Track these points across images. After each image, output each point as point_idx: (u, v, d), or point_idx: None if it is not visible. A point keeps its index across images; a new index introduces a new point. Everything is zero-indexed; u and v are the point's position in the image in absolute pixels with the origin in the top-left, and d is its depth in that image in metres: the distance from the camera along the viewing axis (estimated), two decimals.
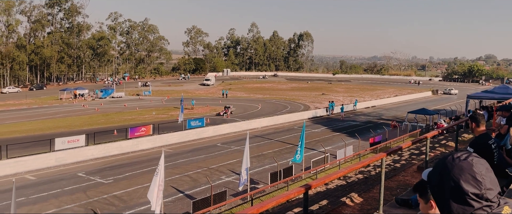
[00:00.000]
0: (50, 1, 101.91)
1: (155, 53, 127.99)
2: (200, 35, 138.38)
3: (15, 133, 36.60)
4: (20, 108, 59.83)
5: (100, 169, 23.75)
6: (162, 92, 79.46)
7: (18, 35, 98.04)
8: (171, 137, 32.02)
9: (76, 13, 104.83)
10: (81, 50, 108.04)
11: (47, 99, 69.87)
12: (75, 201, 17.77)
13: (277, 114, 48.44)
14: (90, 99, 69.15)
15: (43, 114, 52.19)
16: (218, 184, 19.96)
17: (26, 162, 23.21)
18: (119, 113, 51.65)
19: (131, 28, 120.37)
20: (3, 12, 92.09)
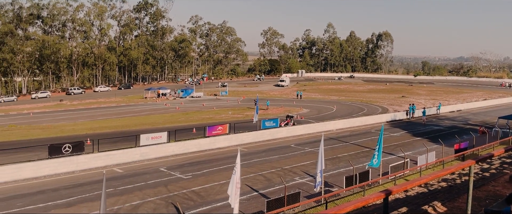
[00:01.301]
0: (138, 6, 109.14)
1: (232, 55, 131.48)
2: (276, 37, 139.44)
3: (105, 129, 39.73)
4: (109, 105, 64.82)
5: (180, 165, 24.91)
6: (238, 93, 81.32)
7: (109, 38, 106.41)
8: (246, 136, 32.65)
9: (160, 17, 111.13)
10: (164, 52, 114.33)
11: (133, 98, 74.88)
12: (157, 194, 18.82)
13: (353, 116, 47.23)
14: (172, 99, 72.84)
15: (129, 111, 56.06)
16: (292, 185, 19.95)
17: (115, 156, 25.07)
18: (197, 112, 53.80)
19: (210, 31, 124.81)
20: (96, 17, 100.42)
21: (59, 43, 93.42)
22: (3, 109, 64.66)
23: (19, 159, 23.57)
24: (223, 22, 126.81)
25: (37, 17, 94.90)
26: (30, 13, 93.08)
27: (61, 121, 47.14)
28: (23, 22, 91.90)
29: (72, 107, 63.88)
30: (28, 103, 71.92)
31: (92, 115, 52.92)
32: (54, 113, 57.30)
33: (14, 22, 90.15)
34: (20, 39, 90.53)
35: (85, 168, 23.35)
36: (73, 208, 16.79)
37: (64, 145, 24.01)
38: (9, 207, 16.93)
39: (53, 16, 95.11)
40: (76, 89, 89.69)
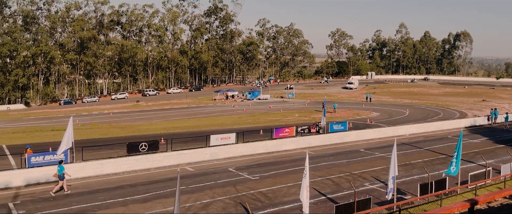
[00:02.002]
0: (208, 11, 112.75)
1: (299, 57, 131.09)
2: (344, 38, 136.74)
3: (178, 129, 41.49)
4: (181, 106, 67.60)
5: (248, 165, 25.28)
6: (304, 95, 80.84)
7: (182, 42, 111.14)
8: (314, 139, 32.33)
9: (229, 21, 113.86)
10: (233, 55, 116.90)
11: (203, 100, 77.45)
12: (226, 193, 19.24)
13: (428, 121, 44.89)
14: (239, 101, 74.28)
15: (199, 112, 58.05)
16: (362, 191, 19.39)
17: (186, 155, 26.06)
18: (264, 114, 54.29)
19: (277, 33, 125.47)
20: (170, 22, 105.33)
21: (136, 48, 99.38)
22: (86, 108, 70.10)
23: (101, 155, 25.36)
24: (290, 25, 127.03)
25: (117, 23, 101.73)
26: (111, 20, 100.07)
27: (138, 121, 50.01)
28: (105, 28, 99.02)
29: (148, 108, 67.54)
30: (108, 104, 77.31)
31: (165, 115, 55.54)
32: (131, 113, 60.97)
33: (96, 28, 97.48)
34: (102, 44, 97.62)
35: (159, 166, 24.54)
36: (149, 204, 17.70)
37: (141, 144, 25.41)
38: (93, 200, 18.27)
39: (131, 22, 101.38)
40: (151, 91, 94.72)
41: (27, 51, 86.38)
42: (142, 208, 17.12)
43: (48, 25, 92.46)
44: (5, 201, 18.16)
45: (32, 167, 21.43)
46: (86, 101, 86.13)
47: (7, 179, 20.43)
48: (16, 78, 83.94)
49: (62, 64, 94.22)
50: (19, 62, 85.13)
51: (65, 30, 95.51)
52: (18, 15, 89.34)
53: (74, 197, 18.78)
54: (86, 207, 17.27)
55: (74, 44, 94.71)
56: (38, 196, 19.05)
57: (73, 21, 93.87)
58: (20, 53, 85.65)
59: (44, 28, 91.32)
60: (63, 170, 19.64)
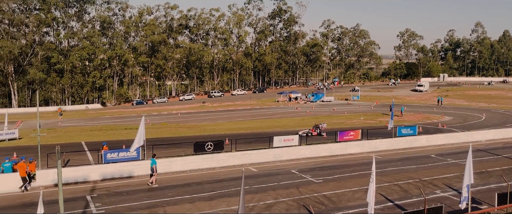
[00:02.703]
0: (272, 13, 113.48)
1: (365, 58, 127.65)
2: (414, 38, 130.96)
3: (241, 129, 42.18)
4: (245, 108, 68.64)
5: (311, 168, 25.05)
6: (370, 98, 78.51)
7: (246, 45, 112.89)
8: (380, 143, 31.29)
9: (293, 23, 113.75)
10: (296, 57, 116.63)
11: (266, 101, 78.02)
12: (289, 195, 19.22)
13: (507, 126, 41.60)
14: (303, 103, 73.85)
15: (263, 114, 58.54)
16: (432, 198, 18.43)
17: (250, 156, 26.43)
18: (328, 116, 53.49)
19: (342, 34, 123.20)
20: (235, 25, 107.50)
21: (202, 50, 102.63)
22: (156, 109, 73.58)
23: (169, 154, 26.48)
24: (356, 25, 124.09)
25: (185, 27, 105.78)
26: (179, 24, 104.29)
27: (204, 121, 51.57)
28: (174, 32, 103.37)
29: (213, 109, 69.40)
30: (177, 105, 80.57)
31: (230, 116, 56.73)
32: (197, 113, 63.02)
33: (166, 32, 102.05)
34: (171, 47, 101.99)
35: (224, 165, 25.12)
36: (214, 202, 18.18)
37: (207, 143, 26.17)
38: (162, 196, 19.13)
39: (199, 25, 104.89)
40: (217, 92, 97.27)
41: (104, 54, 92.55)
42: (207, 206, 17.62)
43: (122, 30, 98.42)
44: (83, 194, 19.59)
45: (108, 162, 22.88)
46: (156, 102, 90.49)
47: (86, 173, 22.02)
48: (94, 80, 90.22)
49: (135, 66, 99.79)
50: (97, 65, 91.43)
51: (137, 34, 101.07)
52: (96, 20, 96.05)
53: (145, 193, 19.79)
54: (156, 203, 18.12)
55: (146, 48, 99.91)
56: (112, 190, 20.31)
57: (145, 26, 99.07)
58: (98, 56, 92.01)
59: (119, 32, 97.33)
60: (154, 164, 20.95)
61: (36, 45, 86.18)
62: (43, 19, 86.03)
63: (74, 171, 21.72)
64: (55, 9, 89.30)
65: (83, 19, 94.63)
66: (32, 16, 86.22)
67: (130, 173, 22.79)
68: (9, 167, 20.64)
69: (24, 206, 17.82)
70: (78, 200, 18.52)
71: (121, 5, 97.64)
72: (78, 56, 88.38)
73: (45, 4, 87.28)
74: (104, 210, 17.22)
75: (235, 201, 17.85)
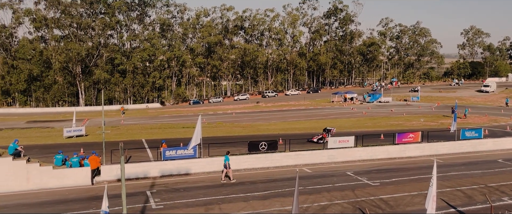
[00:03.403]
0: (328, 12, 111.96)
1: (425, 57, 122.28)
2: (479, 36, 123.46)
3: (295, 130, 42.01)
4: (299, 108, 68.29)
5: (367, 170, 24.41)
6: (431, 99, 75.14)
7: (300, 45, 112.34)
8: (442, 146, 29.82)
9: (349, 22, 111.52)
10: (352, 56, 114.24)
11: (320, 102, 77.10)
12: (344, 197, 18.86)
13: None
14: (358, 103, 72.16)
15: (317, 114, 57.92)
16: (499, 205, 17.28)
17: (304, 156, 26.26)
18: (385, 117, 51.86)
19: (401, 33, 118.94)
20: (290, 25, 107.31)
21: (257, 51, 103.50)
22: (212, 108, 75.21)
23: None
24: (416, 23, 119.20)
25: (241, 28, 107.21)
26: (235, 25, 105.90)
27: (258, 121, 51.97)
28: (229, 33, 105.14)
29: (267, 109, 69.74)
30: (231, 104, 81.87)
31: (283, 116, 56.71)
32: (252, 113, 63.63)
33: (222, 33, 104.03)
34: (227, 48, 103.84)
35: (278, 165, 25.17)
36: (268, 201, 18.26)
37: (261, 143, 26.34)
38: (217, 194, 19.53)
39: (253, 26, 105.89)
40: (270, 92, 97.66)
41: (163, 55, 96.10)
42: (261, 205, 17.74)
43: (181, 32, 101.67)
44: (143, 189, 20.46)
45: (166, 160, 23.73)
46: (212, 102, 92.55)
47: (146, 169, 23.00)
48: (154, 80, 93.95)
49: (192, 67, 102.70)
50: (156, 66, 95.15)
51: (195, 36, 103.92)
52: (156, 23, 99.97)
53: (201, 190, 20.30)
54: (211, 200, 18.53)
55: (203, 49, 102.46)
56: (170, 186, 21.05)
57: (202, 27, 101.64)
58: (158, 57, 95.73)
59: (177, 34, 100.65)
60: (228, 160, 21.75)
61: (101, 47, 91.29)
62: (108, 22, 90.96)
63: (136, 167, 22.75)
64: (118, 12, 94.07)
65: (144, 22, 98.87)
66: (98, 20, 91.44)
67: (187, 170, 23.49)
68: (77, 162, 22.04)
69: (90, 199, 18.95)
70: (139, 195, 19.38)
71: (180, 7, 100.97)
72: (140, 58, 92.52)
73: (110, 8, 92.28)
74: (162, 205, 17.89)
75: (289, 201, 17.82)
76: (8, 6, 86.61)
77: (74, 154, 23.42)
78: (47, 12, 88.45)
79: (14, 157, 21.06)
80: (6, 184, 20.31)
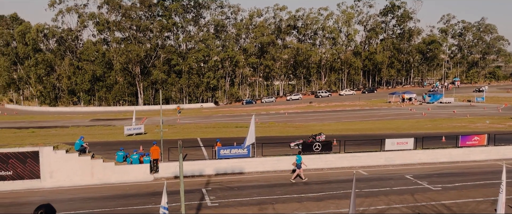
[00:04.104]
0: (384, 10, 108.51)
1: (491, 56, 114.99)
2: None
3: (350, 131, 41.05)
4: (353, 108, 66.74)
5: (428, 174, 23.29)
6: (497, 99, 70.50)
7: (355, 43, 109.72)
8: (511, 150, 27.79)
9: (407, 19, 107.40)
10: (411, 55, 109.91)
11: (376, 102, 74.86)
12: (403, 201, 18.09)
13: None
14: (417, 104, 69.29)
15: (373, 115, 56.26)
16: None
17: (360, 158, 25.54)
18: (447, 119, 49.34)
19: (464, 30, 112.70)
20: (344, 24, 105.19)
21: (310, 50, 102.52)
22: (264, 108, 75.48)
23: (277, 152, 26.87)
24: (481, 20, 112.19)
25: (293, 27, 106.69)
26: (288, 25, 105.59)
27: (311, 121, 51.41)
28: (282, 32, 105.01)
29: (320, 109, 68.84)
30: (284, 104, 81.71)
31: (337, 117, 55.68)
32: (304, 113, 63.10)
33: (275, 33, 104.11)
34: (279, 48, 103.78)
35: (332, 167, 24.68)
36: (322, 203, 17.93)
37: (315, 144, 25.94)
38: (271, 193, 19.48)
39: (307, 25, 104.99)
40: (324, 92, 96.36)
41: (217, 56, 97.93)
42: (316, 207, 17.44)
43: (234, 32, 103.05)
44: (199, 187, 20.87)
45: (221, 158, 24.06)
46: (264, 102, 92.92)
47: (201, 167, 23.45)
48: (208, 80, 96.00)
49: (245, 67, 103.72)
50: (211, 66, 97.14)
51: (248, 36, 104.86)
52: (211, 24, 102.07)
53: (255, 189, 20.36)
54: (265, 200, 18.50)
55: (255, 49, 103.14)
56: (225, 185, 21.30)
57: (255, 28, 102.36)
58: (212, 58, 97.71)
59: (231, 35, 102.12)
60: (301, 160, 21.77)
61: (158, 48, 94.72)
62: (165, 24, 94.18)
63: (192, 165, 23.27)
64: (175, 15, 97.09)
65: (199, 23, 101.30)
66: (156, 22, 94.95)
67: (241, 169, 23.67)
68: (137, 159, 22.94)
69: (149, 195, 19.62)
70: (195, 192, 19.78)
71: (233, 8, 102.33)
72: (195, 58, 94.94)
73: (167, 10, 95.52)
74: (217, 203, 18.13)
75: (344, 203, 17.38)
76: (74, 10, 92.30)
77: (134, 151, 24.41)
78: (109, 15, 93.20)
79: (80, 153, 22.32)
80: (73, 178, 21.56)
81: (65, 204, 18.17)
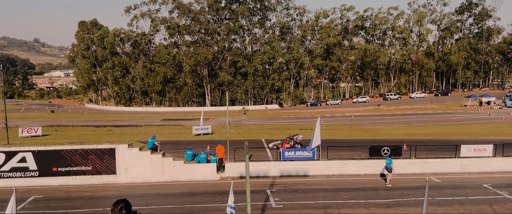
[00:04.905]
0: (460, 8, 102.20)
1: None
2: None
3: (421, 135, 39.08)
4: (425, 112, 63.49)
5: (509, 184, 21.50)
6: None
7: (428, 44, 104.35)
8: None
9: (486, 17, 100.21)
10: (489, 56, 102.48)
11: (451, 106, 70.67)
12: (480, 212, 16.88)
13: None
14: (497, 108, 64.38)
15: (447, 119, 53.15)
16: None
17: (432, 164, 24.21)
18: None
19: None
20: (415, 23, 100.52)
21: (379, 51, 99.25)
22: (330, 110, 74.32)
23: (343, 156, 26.31)
24: None
25: (361, 28, 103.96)
26: (355, 25, 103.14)
27: (379, 125, 49.71)
28: (349, 33, 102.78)
29: (389, 112, 66.35)
30: (350, 107, 79.83)
31: (407, 120, 53.32)
32: (372, 116, 61.17)
33: (341, 34, 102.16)
34: (346, 49, 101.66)
35: (402, 172, 23.64)
36: (391, 210, 17.25)
37: (383, 148, 25.03)
38: (336, 198, 19.09)
39: (375, 25, 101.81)
40: (393, 95, 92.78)
41: (282, 58, 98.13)
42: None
43: (299, 34, 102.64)
44: (264, 188, 21.01)
45: (285, 160, 24.04)
46: (330, 104, 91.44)
47: (266, 168, 23.61)
48: (273, 82, 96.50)
49: (310, 69, 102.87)
50: (276, 68, 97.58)
51: (313, 38, 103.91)
52: (276, 26, 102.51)
53: (320, 192, 20.08)
54: (330, 204, 18.18)
55: (321, 50, 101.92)
56: (289, 187, 21.25)
57: (321, 29, 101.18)
58: (277, 60, 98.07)
59: (296, 37, 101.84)
60: (391, 163, 21.46)
61: (225, 51, 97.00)
62: (231, 27, 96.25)
63: (257, 166, 23.50)
64: (241, 18, 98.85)
65: (265, 25, 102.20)
66: (223, 25, 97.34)
67: (306, 172, 23.48)
68: (204, 158, 23.64)
69: (215, 194, 20.13)
70: (260, 193, 19.95)
71: (299, 10, 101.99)
72: (260, 60, 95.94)
73: (234, 14, 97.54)
74: (282, 205, 18.13)
75: (414, 211, 16.59)
76: (147, 15, 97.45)
77: (202, 150, 25.17)
78: (180, 19, 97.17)
79: (152, 151, 23.47)
80: (145, 175, 22.72)
81: (138, 199, 19.19)
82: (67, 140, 35.26)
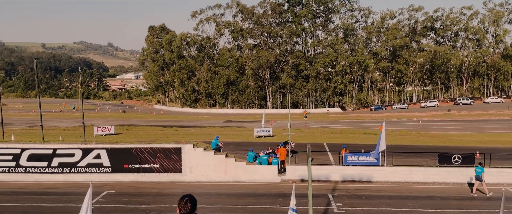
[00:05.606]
0: None
1: None
2: None
3: (496, 143, 36.46)
4: (502, 118, 59.21)
5: None
6: None
7: (505, 45, 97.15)
8: None
9: None
10: None
11: None
12: None
13: None
14: None
15: None
16: None
17: (509, 174, 22.50)
18: None
19: None
20: (491, 23, 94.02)
21: (450, 53, 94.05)
22: (395, 115, 71.64)
23: (409, 162, 25.23)
24: None
25: (431, 29, 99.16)
26: (424, 26, 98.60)
27: (448, 131, 47.10)
28: (417, 35, 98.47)
29: (460, 118, 62.67)
30: (417, 112, 76.40)
31: (481, 127, 50.00)
32: (441, 122, 58.10)
33: (409, 35, 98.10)
34: (414, 51, 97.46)
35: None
36: None
37: (454, 155, 23.66)
38: (402, 206, 18.36)
39: (446, 26, 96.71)
40: (465, 99, 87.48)
41: (345, 60, 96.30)
42: None
43: (364, 36, 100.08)
44: (325, 192, 20.74)
45: (348, 165, 23.55)
46: (396, 108, 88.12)
47: (328, 173, 23.28)
48: (335, 85, 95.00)
49: (375, 72, 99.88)
50: (338, 71, 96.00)
51: (379, 40, 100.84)
52: (340, 28, 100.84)
53: (385, 199, 19.43)
54: (396, 211, 17.53)
55: (387, 53, 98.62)
56: (352, 192, 20.79)
57: (387, 30, 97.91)
58: (340, 62, 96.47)
59: (360, 39, 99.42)
60: (482, 171, 20.33)
61: (287, 54, 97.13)
62: (294, 30, 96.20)
63: (318, 170, 23.25)
64: (304, 20, 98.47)
65: (328, 28, 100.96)
66: (285, 28, 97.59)
67: (369, 178, 22.83)
68: (266, 160, 23.84)
69: (276, 196, 20.21)
70: (321, 197, 19.73)
71: (364, 11, 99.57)
72: (322, 63, 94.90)
73: (297, 16, 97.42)
74: (344, 210, 17.79)
75: None
76: (212, 20, 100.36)
77: (263, 151, 25.40)
78: (243, 23, 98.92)
79: (215, 151, 24.11)
80: (209, 174, 23.38)
81: (203, 198, 19.78)
82: (137, 138, 37.23)
